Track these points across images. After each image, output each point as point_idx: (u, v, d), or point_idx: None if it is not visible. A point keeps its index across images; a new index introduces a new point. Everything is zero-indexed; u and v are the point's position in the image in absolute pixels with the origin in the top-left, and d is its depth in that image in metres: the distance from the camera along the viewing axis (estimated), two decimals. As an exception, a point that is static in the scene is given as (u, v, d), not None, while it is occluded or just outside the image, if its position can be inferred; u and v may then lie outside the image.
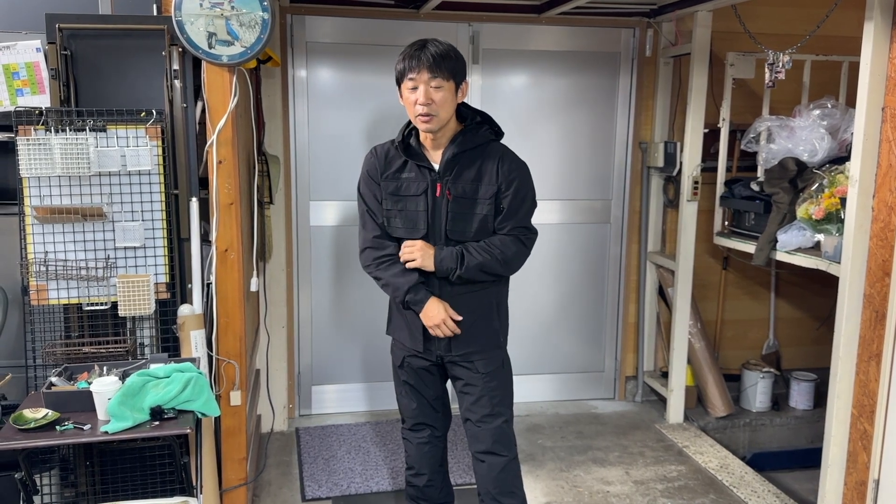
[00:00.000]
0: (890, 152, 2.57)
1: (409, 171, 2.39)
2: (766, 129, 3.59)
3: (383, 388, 4.22)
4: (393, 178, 2.40)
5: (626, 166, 4.27)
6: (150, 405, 2.18)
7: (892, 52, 2.55)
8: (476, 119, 2.43)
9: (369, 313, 4.14)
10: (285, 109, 3.84)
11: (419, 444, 2.65)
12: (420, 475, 2.67)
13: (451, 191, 2.35)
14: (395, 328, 2.60)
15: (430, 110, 2.27)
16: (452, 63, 2.29)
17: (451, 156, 2.35)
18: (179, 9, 2.54)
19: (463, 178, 2.36)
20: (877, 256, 2.65)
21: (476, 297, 2.46)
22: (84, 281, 2.62)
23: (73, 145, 2.51)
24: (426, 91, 2.26)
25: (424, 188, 2.36)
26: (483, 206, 2.37)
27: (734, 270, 4.46)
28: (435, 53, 2.26)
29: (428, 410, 2.63)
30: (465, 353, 2.48)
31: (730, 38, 3.85)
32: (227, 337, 2.78)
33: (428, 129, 2.32)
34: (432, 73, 2.25)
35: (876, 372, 2.65)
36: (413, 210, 2.38)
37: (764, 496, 3.35)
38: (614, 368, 4.48)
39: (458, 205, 2.36)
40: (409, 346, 2.53)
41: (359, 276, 4.10)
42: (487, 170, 2.37)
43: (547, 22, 4.01)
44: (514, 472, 2.55)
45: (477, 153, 2.38)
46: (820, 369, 4.11)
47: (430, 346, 2.49)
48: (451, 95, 2.30)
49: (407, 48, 2.31)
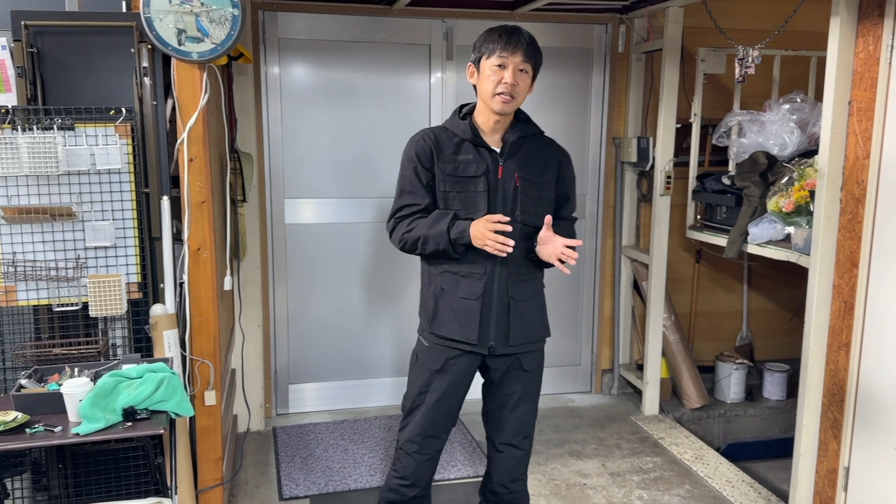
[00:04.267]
0: (857, 145, 2.61)
1: (466, 154, 2.36)
2: (736, 123, 3.63)
3: (361, 385, 4.22)
4: (449, 161, 2.35)
5: (600, 162, 4.30)
6: (122, 406, 2.16)
7: (857, 47, 2.59)
8: (524, 115, 2.46)
9: (346, 311, 4.14)
10: (258, 106, 3.81)
11: (421, 460, 2.48)
12: (414, 487, 2.52)
13: (519, 174, 2.35)
14: (443, 322, 2.39)
15: (513, 91, 2.27)
16: (540, 56, 2.34)
17: (516, 139, 2.37)
18: (148, 5, 2.51)
19: (528, 164, 2.37)
20: (845, 248, 2.69)
21: (534, 286, 2.45)
22: (54, 281, 2.59)
23: (40, 144, 2.47)
24: (514, 73, 2.26)
25: (484, 170, 2.33)
26: (549, 191, 2.41)
27: (707, 263, 4.51)
28: (530, 40, 2.29)
29: (444, 422, 2.47)
30: (518, 345, 2.40)
31: (701, 33, 3.89)
32: (200, 337, 2.75)
33: (503, 109, 2.30)
34: (526, 57, 2.27)
35: (845, 361, 2.69)
36: (473, 191, 2.33)
37: (738, 486, 3.39)
38: (591, 362, 4.51)
39: (527, 188, 2.36)
40: (459, 338, 2.36)
41: (336, 274, 4.09)
42: (549, 158, 2.42)
43: (520, 18, 4.02)
44: (526, 462, 2.57)
45: (534, 141, 2.42)
46: (792, 360, 4.17)
47: (485, 335, 2.36)
48: (529, 84, 2.33)
49: (497, 28, 2.29)
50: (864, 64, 2.56)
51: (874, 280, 2.58)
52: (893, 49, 2.45)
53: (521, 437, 2.51)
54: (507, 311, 2.37)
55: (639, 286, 4.35)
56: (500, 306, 2.36)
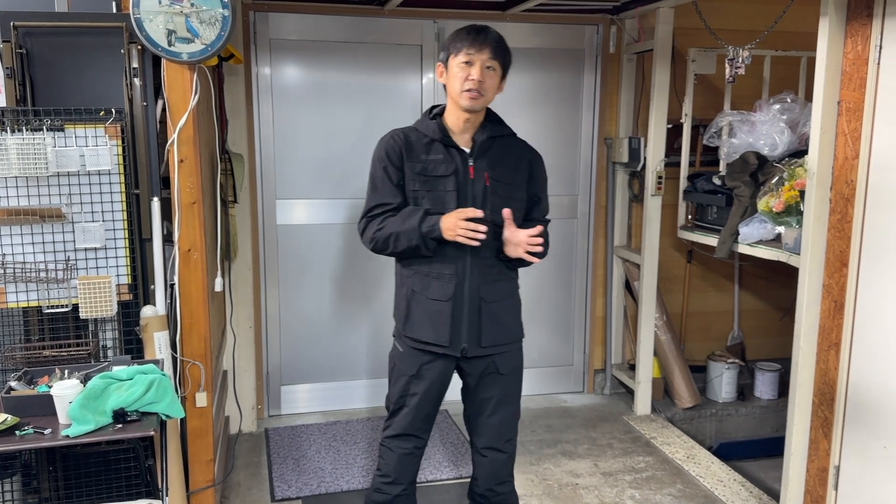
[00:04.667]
0: (846, 145, 2.62)
1: (436, 153, 2.36)
2: (727, 123, 3.64)
3: (353, 386, 4.21)
4: (418, 160, 2.35)
5: (591, 162, 4.31)
6: (112, 408, 2.15)
7: (846, 47, 2.60)
8: (495, 116, 2.47)
9: (338, 312, 4.13)
10: (249, 107, 3.81)
11: (402, 455, 2.51)
12: (396, 484, 2.53)
13: (490, 175, 2.35)
14: (415, 324, 2.39)
15: (480, 88, 2.28)
16: (508, 55, 2.35)
17: (486, 138, 2.37)
18: (138, 6, 2.50)
19: (498, 164, 2.37)
20: (834, 247, 2.70)
21: (506, 287, 2.43)
22: (44, 283, 2.57)
23: (30, 145, 2.46)
24: (481, 70, 2.27)
25: (453, 169, 2.33)
26: (520, 192, 2.40)
27: (698, 263, 4.52)
28: (498, 38, 2.31)
29: (423, 423, 2.49)
30: (491, 347, 2.39)
31: (691, 34, 3.90)
32: (191, 338, 2.75)
33: (471, 106, 2.30)
34: (493, 54, 2.28)
35: (835, 360, 2.71)
36: (442, 191, 2.33)
37: (730, 485, 3.40)
38: (583, 362, 4.51)
39: (497, 188, 2.36)
40: (431, 340, 2.36)
41: (328, 275, 4.08)
42: (520, 159, 2.42)
43: (511, 19, 4.03)
44: (511, 464, 2.56)
45: (505, 142, 2.42)
46: (784, 359, 4.17)
47: (457, 337, 2.36)
48: (497, 83, 2.34)
49: (465, 27, 2.31)
50: (853, 64, 2.57)
51: (864, 279, 2.59)
52: (882, 49, 2.46)
53: (504, 440, 2.50)
54: (479, 313, 2.36)
55: (630, 286, 4.36)
56: (471, 307, 2.36)
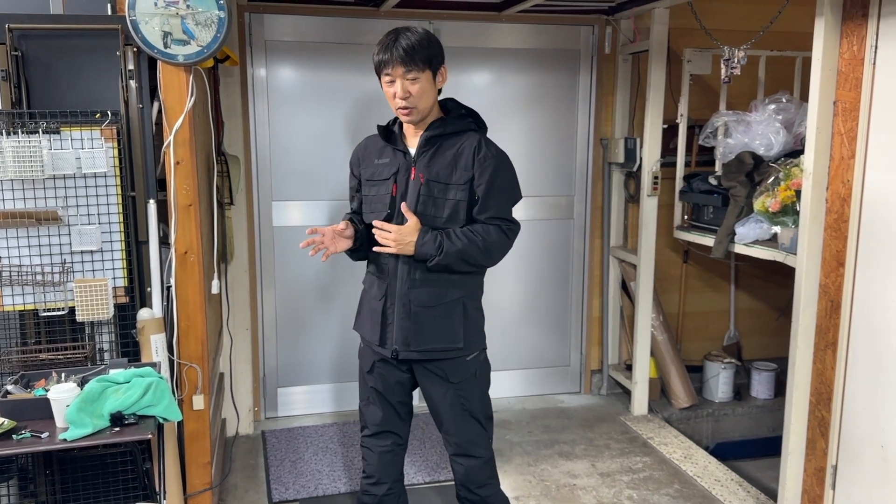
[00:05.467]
0: (842, 145, 2.63)
1: (385, 157, 2.38)
2: (723, 123, 3.65)
3: (350, 388, 4.20)
4: (369, 165, 2.41)
5: (587, 163, 4.31)
6: (109, 411, 2.14)
7: (842, 47, 2.61)
8: (461, 111, 2.40)
9: (335, 314, 4.13)
10: (245, 109, 3.80)
11: (382, 453, 2.53)
12: (380, 484, 2.53)
13: (423, 174, 2.30)
14: (361, 322, 2.49)
15: (408, 103, 2.25)
16: (426, 52, 2.24)
17: (425, 140, 2.32)
18: (133, 8, 2.50)
19: (437, 163, 2.31)
20: (831, 247, 2.71)
21: (440, 291, 2.33)
22: (40, 286, 2.56)
23: (25, 148, 2.45)
24: (403, 85, 2.23)
25: (394, 171, 2.33)
26: (457, 192, 2.29)
27: (695, 263, 4.53)
28: (406, 46, 2.21)
29: (394, 419, 2.51)
30: (423, 352, 2.35)
31: (687, 34, 3.91)
32: (188, 340, 2.74)
33: (410, 121, 2.31)
34: (406, 66, 2.21)
35: (832, 360, 2.71)
36: (382, 194, 2.33)
37: (727, 485, 3.40)
38: (580, 362, 4.52)
39: (429, 188, 2.29)
40: (368, 339, 2.44)
41: (324, 277, 4.08)
42: (463, 156, 2.31)
43: (507, 20, 4.03)
44: (490, 467, 2.52)
45: (455, 140, 2.34)
46: (780, 359, 4.19)
47: (387, 337, 2.37)
48: (429, 85, 2.27)
49: (382, 39, 2.27)
50: (849, 64, 2.58)
51: (860, 279, 2.60)
52: (877, 49, 2.47)
53: (472, 447, 2.45)
54: (409, 315, 2.34)
55: (627, 286, 4.37)
56: (401, 309, 2.35)
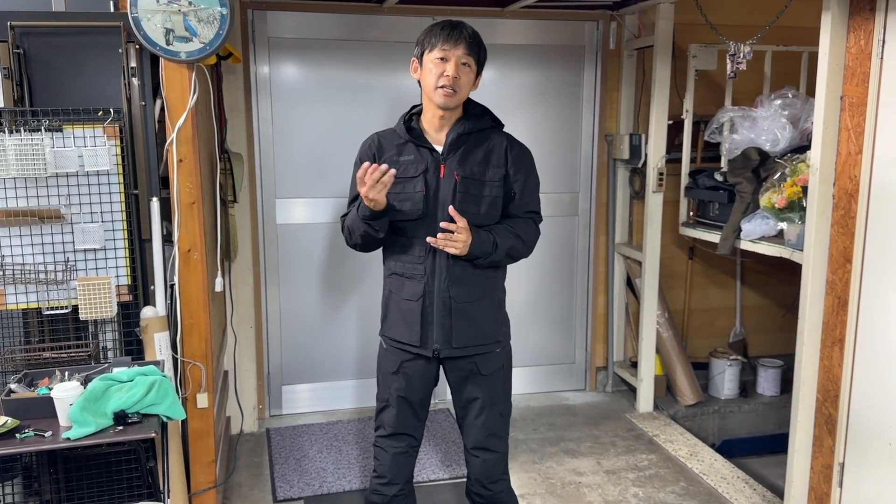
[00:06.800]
0: (849, 140, 2.60)
1: (408, 154, 2.35)
2: (728, 119, 3.63)
3: (355, 385, 4.20)
4: (390, 162, 2.31)
5: (592, 159, 4.29)
6: (113, 410, 2.14)
7: (849, 42, 2.58)
8: (477, 109, 2.42)
9: (339, 311, 4.12)
10: (248, 106, 3.79)
11: (396, 454, 2.49)
12: (392, 485, 2.51)
13: (458, 172, 2.30)
14: (392, 324, 2.42)
15: (455, 85, 2.25)
16: (483, 50, 2.32)
17: (456, 136, 2.32)
18: (136, 5, 2.48)
19: (470, 160, 2.32)
20: (838, 243, 2.69)
21: (478, 286, 2.35)
22: (43, 285, 2.56)
23: (28, 146, 2.44)
24: (456, 66, 2.24)
25: (423, 169, 2.31)
26: (492, 189, 2.32)
27: (700, 260, 4.50)
28: (473, 34, 2.28)
29: (412, 420, 2.48)
30: (464, 348, 2.35)
31: (692, 29, 3.88)
32: (191, 339, 2.73)
33: (446, 103, 2.28)
34: (468, 50, 2.25)
35: (839, 357, 2.69)
36: (412, 192, 2.31)
37: (733, 482, 3.39)
38: (585, 360, 4.50)
39: (466, 185, 2.30)
40: (405, 341, 2.37)
41: (328, 274, 4.07)
42: (495, 153, 2.34)
43: (511, 16, 4.01)
44: (504, 463, 2.54)
45: (482, 137, 2.36)
46: (786, 356, 4.16)
47: (427, 337, 2.35)
48: (472, 79, 2.31)
49: (439, 22, 2.30)
50: (856, 59, 2.56)
51: (868, 275, 2.57)
52: (885, 44, 2.45)
53: (492, 441, 2.47)
54: (450, 313, 2.34)
55: (632, 283, 4.35)
56: (442, 308, 2.33)
